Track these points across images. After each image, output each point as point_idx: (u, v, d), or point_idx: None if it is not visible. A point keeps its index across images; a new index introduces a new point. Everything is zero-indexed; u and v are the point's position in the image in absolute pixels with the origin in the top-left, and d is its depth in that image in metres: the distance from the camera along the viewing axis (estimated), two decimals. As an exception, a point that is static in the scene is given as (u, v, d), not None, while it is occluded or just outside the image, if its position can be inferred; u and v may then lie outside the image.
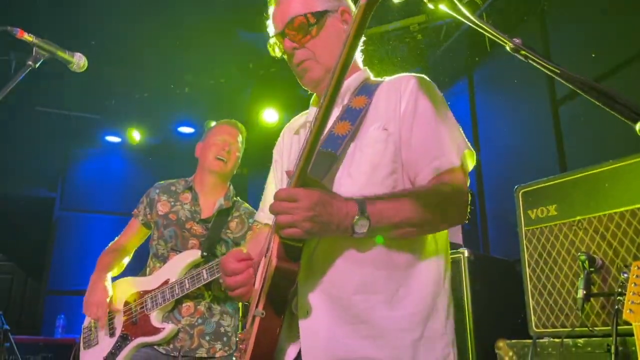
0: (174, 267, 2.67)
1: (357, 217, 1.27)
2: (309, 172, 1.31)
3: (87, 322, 2.85)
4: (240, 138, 2.89)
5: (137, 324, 2.66)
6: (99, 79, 5.06)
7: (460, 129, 1.51)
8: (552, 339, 2.24)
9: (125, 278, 2.84)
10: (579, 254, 2.22)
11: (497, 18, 4.19)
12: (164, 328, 2.58)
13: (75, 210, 6.95)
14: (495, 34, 1.09)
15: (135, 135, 6.53)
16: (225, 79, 5.66)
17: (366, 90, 1.58)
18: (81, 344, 2.84)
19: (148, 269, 2.81)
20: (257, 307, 1.38)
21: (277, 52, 1.65)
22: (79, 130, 6.51)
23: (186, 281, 2.58)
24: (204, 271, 2.55)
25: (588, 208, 2.29)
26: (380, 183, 1.43)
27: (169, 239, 2.74)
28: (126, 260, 2.92)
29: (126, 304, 2.73)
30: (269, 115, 5.90)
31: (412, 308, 1.40)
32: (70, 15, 4.55)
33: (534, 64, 1.04)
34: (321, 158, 1.44)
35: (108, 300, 2.67)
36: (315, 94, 1.71)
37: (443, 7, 1.18)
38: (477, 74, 5.07)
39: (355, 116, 1.50)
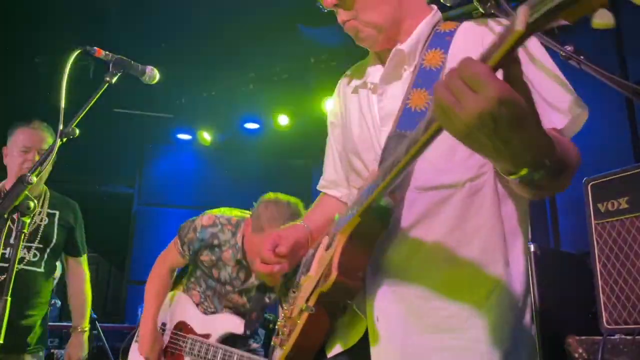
0: (217, 326, 2.66)
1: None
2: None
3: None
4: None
5: (173, 355, 2.68)
6: (169, 80, 5.28)
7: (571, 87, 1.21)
8: (623, 336, 2.18)
9: (184, 296, 2.81)
10: (653, 248, 2.13)
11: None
12: None
13: (152, 205, 7.35)
14: (547, 41, 1.09)
15: (206, 137, 6.82)
16: (288, 74, 5.75)
17: (440, 40, 1.29)
18: (134, 337, 2.89)
19: (198, 288, 2.78)
20: (307, 301, 1.27)
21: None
22: (153, 129, 6.89)
23: (219, 353, 2.56)
24: (236, 356, 2.53)
25: (663, 201, 2.18)
26: (461, 164, 1.21)
27: (210, 287, 2.73)
28: (171, 280, 2.87)
29: (176, 327, 2.75)
30: (330, 106, 5.96)
31: (503, 315, 1.19)
32: (142, 21, 4.78)
33: (588, 70, 1.04)
34: (394, 143, 1.21)
35: (163, 348, 2.69)
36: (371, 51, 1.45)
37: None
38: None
39: (432, 80, 1.22)
